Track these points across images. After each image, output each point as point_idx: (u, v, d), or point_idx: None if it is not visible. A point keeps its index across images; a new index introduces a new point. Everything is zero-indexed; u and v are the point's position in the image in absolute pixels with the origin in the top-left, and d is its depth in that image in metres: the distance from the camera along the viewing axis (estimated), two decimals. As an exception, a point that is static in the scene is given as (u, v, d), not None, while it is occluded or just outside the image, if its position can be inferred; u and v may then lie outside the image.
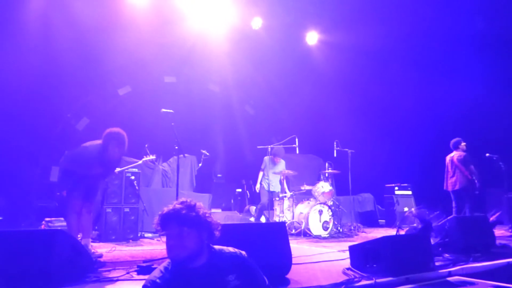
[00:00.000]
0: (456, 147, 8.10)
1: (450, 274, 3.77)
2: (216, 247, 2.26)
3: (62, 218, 6.96)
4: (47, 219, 6.74)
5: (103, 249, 5.26)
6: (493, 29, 9.42)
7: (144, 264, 3.72)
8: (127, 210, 6.72)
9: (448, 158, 8.20)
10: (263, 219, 8.46)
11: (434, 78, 10.60)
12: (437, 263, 4.01)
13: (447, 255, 4.52)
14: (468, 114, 10.38)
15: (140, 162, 6.39)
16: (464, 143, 8.09)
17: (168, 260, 2.18)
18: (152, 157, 6.23)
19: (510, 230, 7.46)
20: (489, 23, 9.33)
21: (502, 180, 8.28)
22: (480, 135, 9.91)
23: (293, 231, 7.63)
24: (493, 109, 9.88)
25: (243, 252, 2.31)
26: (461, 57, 10.15)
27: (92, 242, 6.18)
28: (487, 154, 8.36)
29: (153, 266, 3.53)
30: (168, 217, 2.13)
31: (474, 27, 9.58)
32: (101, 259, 4.31)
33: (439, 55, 10.36)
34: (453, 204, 8.01)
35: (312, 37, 10.62)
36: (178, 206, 2.16)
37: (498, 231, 7.06)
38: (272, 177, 8.38)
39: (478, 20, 9.39)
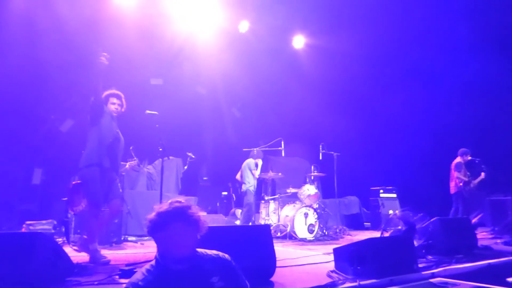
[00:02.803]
0: (459, 154, 8.72)
1: (433, 275, 3.80)
2: (199, 249, 2.24)
3: (43, 221, 6.85)
4: (28, 222, 6.61)
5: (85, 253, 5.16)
6: (476, 34, 9.59)
7: (127, 268, 3.67)
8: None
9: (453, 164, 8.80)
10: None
11: (419, 82, 10.74)
12: (420, 265, 4.03)
13: (430, 256, 4.55)
14: (451, 118, 10.55)
15: (127, 166, 6.22)
16: (467, 155, 8.72)
17: (150, 263, 2.15)
18: (135, 161, 6.11)
19: (492, 232, 7.58)
20: (473, 29, 9.50)
21: (484, 183, 8.42)
22: (463, 138, 10.07)
23: (279, 234, 7.63)
24: (476, 113, 10.05)
25: (226, 255, 2.29)
26: (446, 61, 10.31)
27: (73, 245, 6.10)
28: (470, 158, 8.51)
29: (135, 270, 3.48)
30: (173, 215, 2.07)
31: (459, 32, 9.74)
32: (83, 263, 4.23)
33: (423, 59, 10.50)
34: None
35: (299, 41, 10.70)
36: (179, 204, 2.11)
37: (481, 233, 7.17)
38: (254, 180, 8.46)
39: (464, 25, 9.55)
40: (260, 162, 8.61)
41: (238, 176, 8.94)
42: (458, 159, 8.66)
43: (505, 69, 9.31)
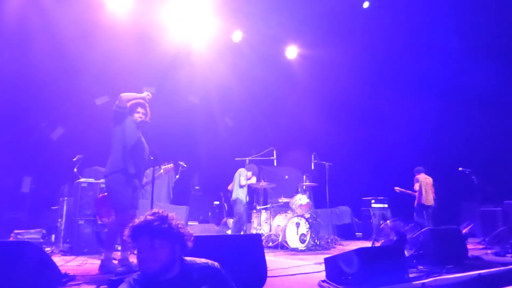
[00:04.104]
0: (424, 172, 9.44)
1: (423, 285, 3.80)
2: (188, 258, 2.22)
3: (32, 230, 6.76)
4: (16, 231, 6.51)
5: (75, 262, 5.10)
6: (468, 43, 9.74)
7: (115, 278, 3.61)
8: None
9: (424, 177, 9.26)
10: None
11: (411, 92, 10.84)
12: (411, 275, 4.04)
13: (421, 267, 4.56)
14: (443, 129, 10.65)
15: (161, 171, 5.91)
16: None
17: (138, 272, 2.12)
18: (170, 165, 5.94)
19: (482, 243, 7.60)
20: (465, 38, 9.66)
21: (474, 194, 8.49)
22: (455, 149, 10.17)
23: (271, 244, 7.59)
24: (467, 124, 10.16)
25: (216, 263, 2.27)
26: (438, 72, 10.44)
27: (63, 255, 6.02)
28: (460, 169, 8.58)
29: (124, 280, 3.43)
30: (139, 229, 2.08)
31: (450, 43, 9.90)
32: (71, 273, 4.17)
33: (416, 70, 10.62)
34: (426, 217, 9.00)
35: (292, 51, 10.78)
36: (149, 217, 2.11)
37: (471, 244, 7.20)
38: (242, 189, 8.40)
39: (455, 34, 9.71)
40: (249, 174, 8.52)
41: (230, 187, 8.89)
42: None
43: (497, 79, 9.43)
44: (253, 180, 8.47)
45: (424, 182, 9.20)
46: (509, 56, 9.34)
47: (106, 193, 4.84)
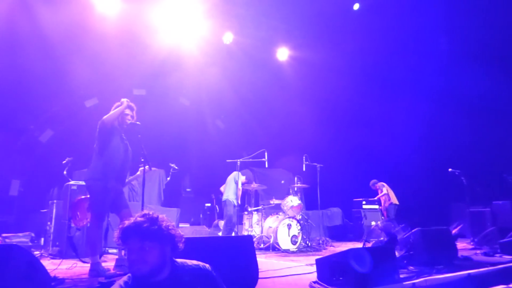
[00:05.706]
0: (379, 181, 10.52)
1: (414, 286, 3.82)
2: (179, 260, 2.21)
3: (20, 234, 6.67)
4: (4, 234, 6.42)
5: (64, 266, 5.03)
6: (456, 48, 9.85)
7: (106, 280, 3.58)
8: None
9: (386, 185, 10.19)
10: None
11: (402, 95, 10.93)
12: (402, 275, 4.06)
13: (411, 267, 4.59)
14: (433, 131, 10.75)
15: (138, 173, 5.71)
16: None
17: (128, 274, 2.11)
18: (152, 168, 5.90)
19: (471, 243, 7.67)
20: (455, 42, 9.77)
21: (464, 195, 8.56)
22: (444, 151, 10.26)
23: (262, 245, 7.59)
24: (457, 126, 10.25)
25: (207, 265, 2.26)
26: (429, 74, 10.54)
27: (52, 258, 5.95)
28: (450, 169, 8.65)
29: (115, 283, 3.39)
30: (128, 231, 2.06)
31: (440, 45, 10.01)
32: (60, 276, 4.11)
33: (406, 72, 10.71)
34: (387, 218, 9.87)
35: (283, 53, 10.81)
36: (139, 219, 2.09)
37: (461, 244, 7.26)
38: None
39: (442, 40, 9.82)
40: (244, 179, 8.53)
41: (222, 188, 8.87)
42: None
43: (486, 82, 9.54)
44: (242, 178, 8.50)
45: (387, 187, 10.21)
46: (498, 60, 9.46)
47: (83, 197, 4.84)
